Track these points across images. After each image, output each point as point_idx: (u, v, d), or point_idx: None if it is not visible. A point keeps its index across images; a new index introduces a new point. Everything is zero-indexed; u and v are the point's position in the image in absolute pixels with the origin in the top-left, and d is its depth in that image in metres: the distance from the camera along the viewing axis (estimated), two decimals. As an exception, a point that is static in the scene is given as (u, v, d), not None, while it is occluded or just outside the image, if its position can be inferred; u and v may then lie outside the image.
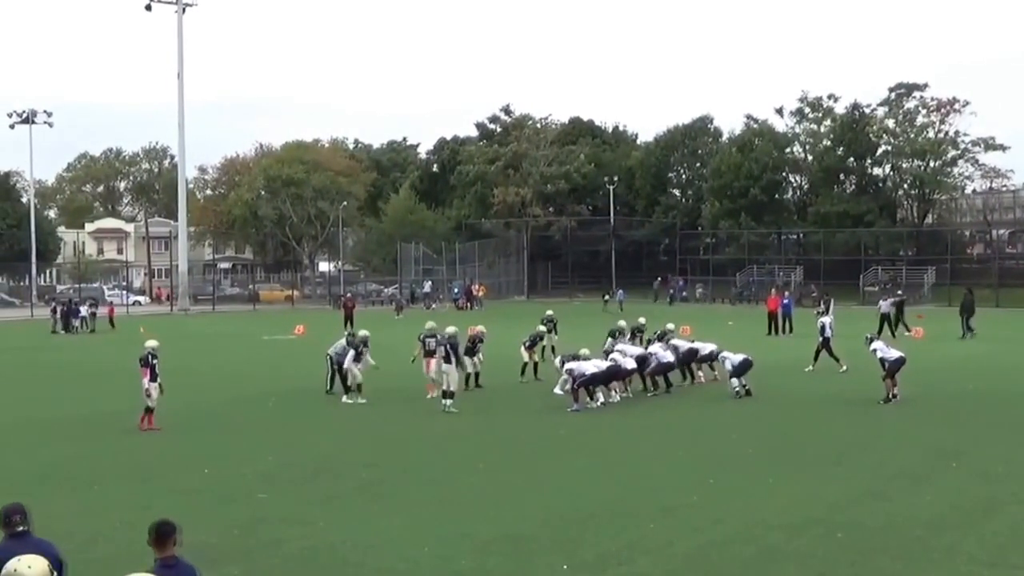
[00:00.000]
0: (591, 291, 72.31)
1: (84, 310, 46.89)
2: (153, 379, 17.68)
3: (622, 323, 26.14)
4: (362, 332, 22.33)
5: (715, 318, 47.21)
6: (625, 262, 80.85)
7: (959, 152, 76.56)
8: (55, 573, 4.12)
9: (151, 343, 18.30)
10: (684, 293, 73.93)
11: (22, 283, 79.11)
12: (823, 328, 25.70)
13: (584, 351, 20.81)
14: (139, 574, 4.51)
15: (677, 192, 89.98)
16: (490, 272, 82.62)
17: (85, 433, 17.58)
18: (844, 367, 24.68)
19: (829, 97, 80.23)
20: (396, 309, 58.57)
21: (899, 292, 41.52)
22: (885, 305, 37.08)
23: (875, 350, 20.42)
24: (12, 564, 4.04)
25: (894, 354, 20.37)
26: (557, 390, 20.47)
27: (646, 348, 23.04)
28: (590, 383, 19.89)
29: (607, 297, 63.33)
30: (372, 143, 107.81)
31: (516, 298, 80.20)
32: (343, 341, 22.31)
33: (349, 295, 54.62)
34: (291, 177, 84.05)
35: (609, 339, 24.19)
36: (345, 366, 21.15)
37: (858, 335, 22.68)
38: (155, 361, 17.86)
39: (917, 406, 19.80)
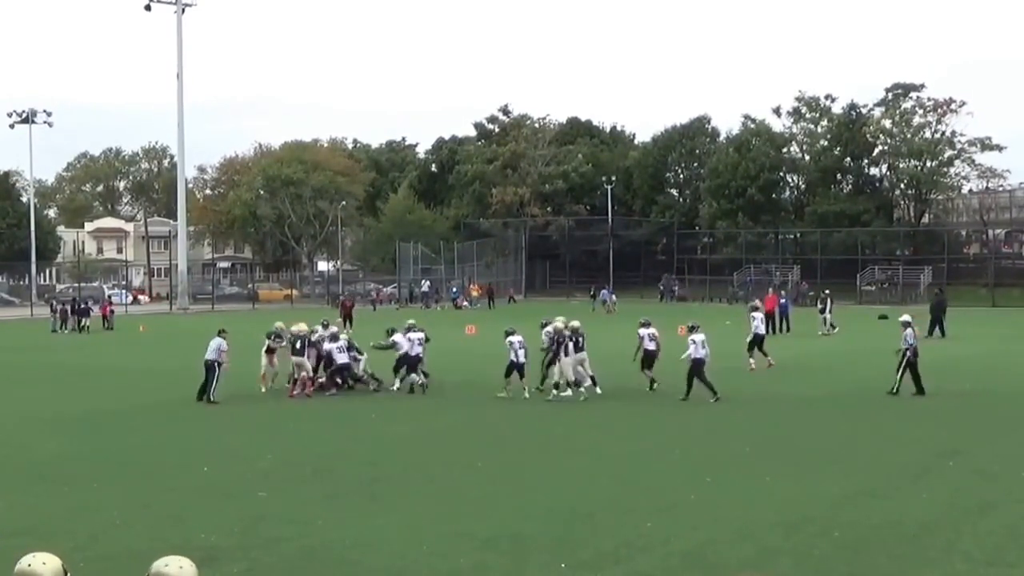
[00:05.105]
0: (589, 291, 72.30)
1: (96, 309, 46.86)
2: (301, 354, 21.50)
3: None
4: (277, 323, 23.56)
5: (713, 317, 47.10)
6: (623, 262, 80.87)
7: (955, 152, 76.61)
8: (67, 573, 4.13)
9: (302, 326, 22.01)
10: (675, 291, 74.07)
11: (22, 282, 79.14)
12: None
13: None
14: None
15: (675, 192, 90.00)
16: (488, 271, 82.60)
17: (84, 431, 17.61)
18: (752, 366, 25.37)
19: (826, 97, 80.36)
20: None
21: (826, 291, 41.50)
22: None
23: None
24: (27, 560, 4.06)
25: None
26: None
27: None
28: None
29: (593, 294, 63.43)
30: (371, 143, 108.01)
31: (514, 297, 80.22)
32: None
33: (348, 294, 54.61)
34: (290, 177, 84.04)
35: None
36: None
37: (856, 334, 22.70)
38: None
39: (914, 405, 19.86)
